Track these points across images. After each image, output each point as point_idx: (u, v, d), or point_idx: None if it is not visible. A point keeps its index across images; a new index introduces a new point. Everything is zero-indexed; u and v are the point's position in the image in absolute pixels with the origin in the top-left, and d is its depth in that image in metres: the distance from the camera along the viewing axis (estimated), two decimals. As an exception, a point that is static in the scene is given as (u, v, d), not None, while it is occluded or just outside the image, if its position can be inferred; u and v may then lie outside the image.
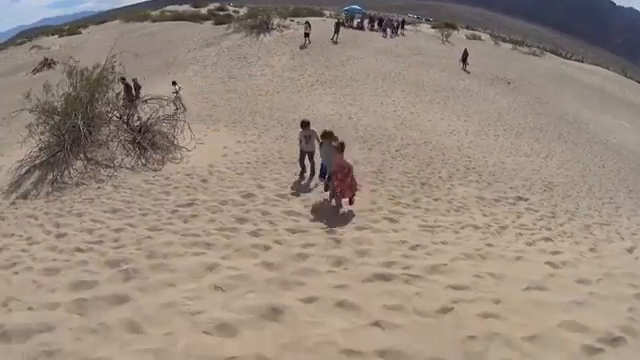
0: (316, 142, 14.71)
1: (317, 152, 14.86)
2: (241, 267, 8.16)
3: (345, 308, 6.47)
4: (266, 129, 23.76)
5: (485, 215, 14.02)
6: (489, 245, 10.56)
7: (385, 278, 7.63)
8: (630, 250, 11.98)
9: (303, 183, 14.96)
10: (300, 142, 15.22)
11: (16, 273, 8.36)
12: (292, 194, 13.78)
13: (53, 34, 69.20)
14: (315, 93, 32.88)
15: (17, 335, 5.88)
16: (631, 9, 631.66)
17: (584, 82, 55.37)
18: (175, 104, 25.09)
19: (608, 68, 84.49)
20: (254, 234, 10.23)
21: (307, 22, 48.72)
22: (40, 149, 18.06)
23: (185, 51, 45.57)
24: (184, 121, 19.99)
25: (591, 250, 11.51)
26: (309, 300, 6.77)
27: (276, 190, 13.87)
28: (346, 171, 12.27)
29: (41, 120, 18.13)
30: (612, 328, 5.89)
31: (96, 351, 5.59)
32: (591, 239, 12.97)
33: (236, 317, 6.16)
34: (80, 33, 65.18)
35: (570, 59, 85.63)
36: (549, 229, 13.50)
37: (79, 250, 9.53)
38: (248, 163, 17.79)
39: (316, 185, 14.72)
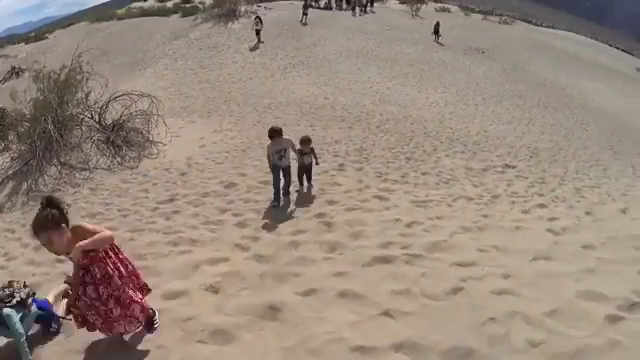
0: (292, 153, 11.38)
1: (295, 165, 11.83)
2: (231, 262, 7.80)
3: (349, 298, 6.08)
4: (242, 116, 23.41)
5: (475, 185, 13.80)
6: (485, 216, 10.29)
7: (385, 260, 7.22)
8: (624, 211, 11.73)
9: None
10: (269, 158, 11.15)
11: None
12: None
13: (19, 42, 67.79)
14: (289, 76, 32.59)
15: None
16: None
17: (558, 48, 55.78)
18: None
19: (578, 33, 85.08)
20: (241, 225, 9.81)
21: (257, 17, 43.21)
22: (12, 159, 17.61)
23: (154, 46, 44.87)
24: (158, 115, 19.39)
25: (587, 214, 11.25)
26: (308, 293, 6.39)
27: (259, 177, 13.35)
28: None
29: (9, 129, 17.84)
30: (628, 293, 5.58)
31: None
32: (584, 202, 12.82)
33: (232, 320, 5.73)
34: (47, 38, 63.42)
35: (541, 26, 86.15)
36: (542, 195, 13.36)
37: (59, 261, 8.79)
38: (227, 152, 17.34)
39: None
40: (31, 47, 58.81)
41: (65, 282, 6.23)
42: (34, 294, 5.89)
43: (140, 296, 5.32)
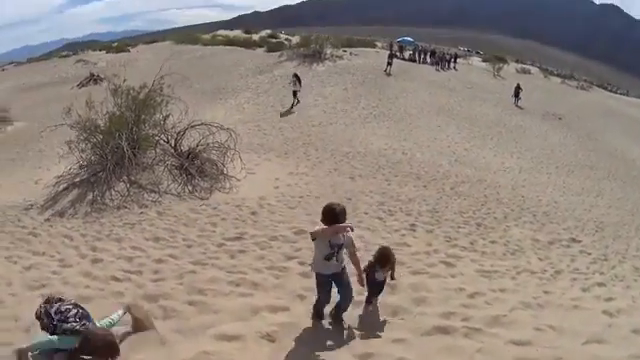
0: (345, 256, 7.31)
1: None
2: (290, 312, 7.90)
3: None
4: (319, 161, 23.65)
5: (540, 259, 14.00)
6: (546, 292, 10.54)
7: (445, 331, 7.41)
8: None
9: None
10: (317, 256, 7.06)
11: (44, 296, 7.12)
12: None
13: (100, 50, 69.44)
14: (369, 126, 32.59)
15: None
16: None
17: (632, 116, 54.96)
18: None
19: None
20: (305, 275, 9.48)
21: (295, 75, 36.96)
22: (80, 166, 18.14)
23: (237, 77, 45.43)
24: (234, 149, 19.54)
25: None
26: (366, 356, 6.52)
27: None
28: None
29: (82, 137, 18.08)
30: None
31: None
32: None
33: None
34: (129, 51, 65.31)
35: (616, 92, 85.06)
36: (602, 273, 13.45)
37: (115, 279, 9.36)
38: (300, 197, 17.50)
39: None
40: (111, 57, 60.40)
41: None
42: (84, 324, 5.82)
43: None
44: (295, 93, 36.42)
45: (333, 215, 6.72)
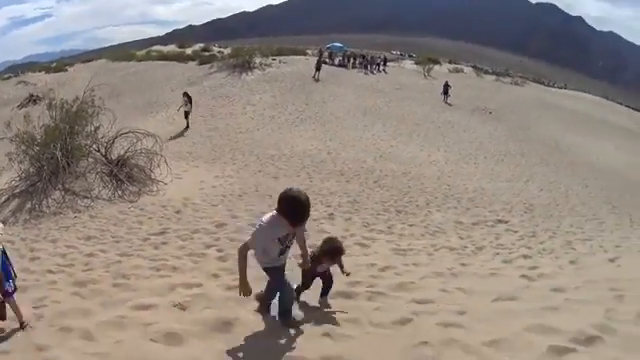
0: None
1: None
2: (203, 287, 8.15)
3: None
4: (245, 164, 23.91)
5: (462, 238, 13.80)
6: (463, 265, 10.32)
7: (347, 296, 7.46)
8: (612, 260, 11.48)
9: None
10: (266, 249, 6.13)
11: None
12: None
13: (39, 70, 69.39)
14: (295, 130, 33.02)
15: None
16: (611, 33, 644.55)
17: (566, 107, 56.83)
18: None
19: (589, 93, 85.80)
20: (222, 259, 10.07)
21: (185, 94, 33.86)
22: (20, 178, 18.52)
23: (168, 90, 45.82)
24: (161, 155, 20.07)
25: (571, 262, 11.11)
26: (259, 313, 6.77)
27: (249, 220, 13.45)
28: None
29: (21, 149, 18.52)
30: (587, 328, 5.62)
31: (48, 350, 5.92)
32: (572, 253, 12.57)
33: (186, 328, 6.18)
34: (66, 70, 65.49)
35: (553, 87, 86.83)
36: (529, 247, 13.15)
37: (50, 272, 9.73)
38: (223, 196, 17.85)
39: None
40: (50, 77, 60.37)
41: None
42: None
43: None
44: (187, 114, 33.29)
45: (301, 212, 5.70)
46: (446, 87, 49.52)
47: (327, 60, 62.23)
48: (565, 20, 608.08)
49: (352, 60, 64.85)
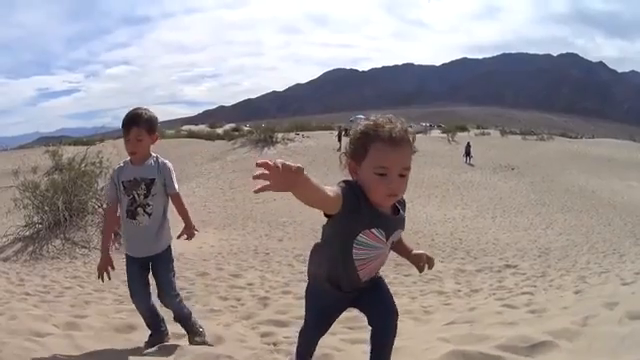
0: None
1: None
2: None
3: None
4: (254, 230, 24.21)
5: (458, 283, 13.19)
6: (445, 304, 9.81)
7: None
8: (627, 284, 10.42)
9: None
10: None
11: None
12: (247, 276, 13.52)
13: (70, 144, 70.46)
14: None
15: None
16: (633, 72, 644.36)
17: (592, 155, 56.05)
18: None
19: (616, 138, 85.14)
20: (186, 298, 9.43)
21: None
22: (26, 224, 19.45)
23: (192, 165, 47.05)
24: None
25: (575, 293, 10.02)
26: None
27: (234, 271, 13.82)
28: None
29: (25, 195, 19.94)
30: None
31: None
32: (581, 286, 11.43)
33: None
34: (95, 144, 66.64)
35: (580, 139, 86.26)
36: (534, 286, 12.24)
37: (27, 294, 10.40)
38: (219, 253, 18.13)
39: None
40: (77, 149, 61.50)
41: None
42: None
43: None
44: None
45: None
46: (468, 148, 49.72)
47: (349, 132, 62.28)
48: (588, 68, 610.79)
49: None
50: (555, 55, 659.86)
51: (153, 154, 5.60)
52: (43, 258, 16.98)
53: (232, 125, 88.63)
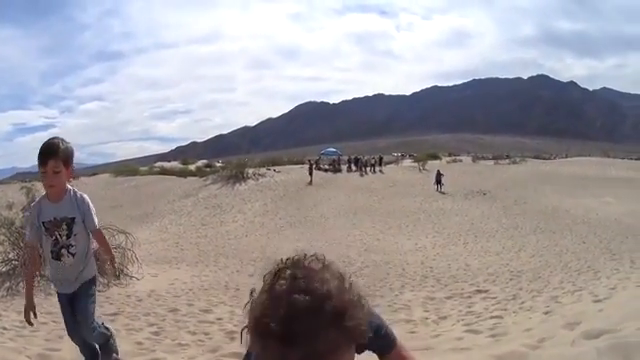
0: None
1: None
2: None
3: None
4: (225, 266, 24.16)
5: (427, 311, 13.14)
6: (411, 332, 9.87)
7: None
8: (599, 301, 10.40)
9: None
10: None
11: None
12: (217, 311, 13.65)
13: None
14: (283, 234, 33.79)
15: None
16: (604, 89, 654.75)
17: (565, 175, 56.86)
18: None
19: (590, 156, 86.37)
20: (156, 334, 10.44)
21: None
22: (2, 261, 19.14)
23: (165, 203, 47.81)
24: (131, 251, 20.26)
25: (545, 314, 10.17)
26: None
27: (204, 307, 13.89)
28: None
29: (2, 231, 19.57)
30: None
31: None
32: (553, 306, 11.37)
33: None
34: (70, 182, 67.58)
35: (554, 159, 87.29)
36: (504, 309, 12.25)
37: (4, 328, 10.35)
38: (190, 289, 18.02)
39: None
40: None
41: None
42: None
43: None
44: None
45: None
46: (438, 176, 50.22)
47: (322, 166, 65.15)
48: (559, 89, 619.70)
49: (348, 164, 66.69)
50: (525, 78, 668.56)
51: (69, 187, 5.50)
52: (19, 294, 16.43)
53: (204, 161, 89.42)
